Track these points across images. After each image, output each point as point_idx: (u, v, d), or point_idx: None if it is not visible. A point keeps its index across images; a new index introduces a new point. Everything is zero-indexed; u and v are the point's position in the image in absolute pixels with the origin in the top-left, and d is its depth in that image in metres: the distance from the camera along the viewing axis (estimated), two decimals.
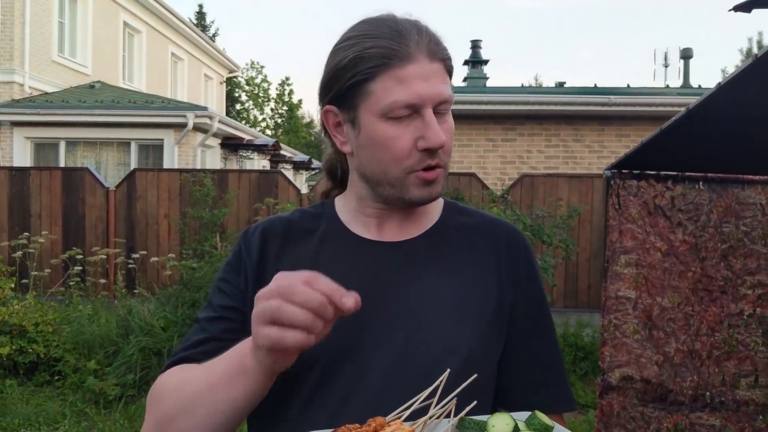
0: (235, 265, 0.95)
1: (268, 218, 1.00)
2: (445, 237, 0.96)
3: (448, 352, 0.85)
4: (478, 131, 8.48)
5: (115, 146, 10.96)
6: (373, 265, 0.92)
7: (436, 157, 0.87)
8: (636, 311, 3.03)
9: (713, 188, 3.00)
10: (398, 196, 0.90)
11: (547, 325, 0.97)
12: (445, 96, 0.86)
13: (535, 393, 0.92)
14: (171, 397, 0.83)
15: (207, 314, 0.93)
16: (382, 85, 0.84)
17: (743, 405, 2.96)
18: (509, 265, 0.95)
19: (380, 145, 0.86)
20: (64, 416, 4.39)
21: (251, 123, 31.08)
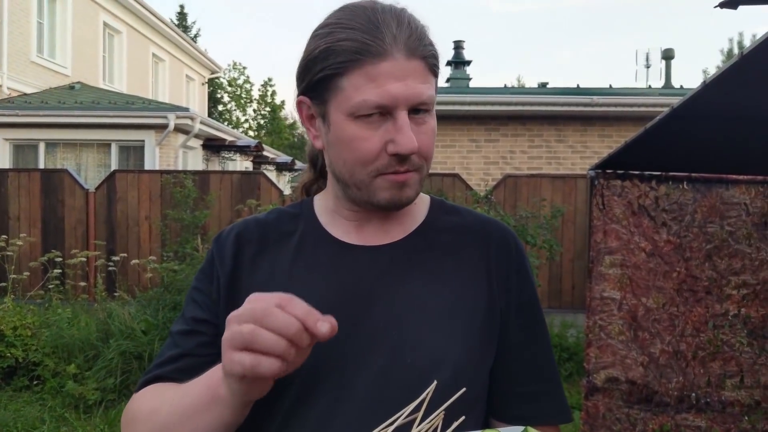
0: (207, 272, 0.90)
1: (244, 220, 0.95)
2: (432, 239, 0.90)
3: (436, 365, 0.80)
4: (461, 132, 8.48)
5: (95, 147, 10.80)
6: (354, 272, 0.86)
7: (407, 163, 0.81)
8: (621, 312, 3.03)
9: (697, 188, 3.01)
10: (366, 200, 0.84)
11: (540, 332, 0.91)
12: (424, 97, 0.79)
13: (528, 404, 0.87)
14: (144, 422, 0.79)
15: (180, 327, 0.88)
16: (353, 81, 0.77)
17: (729, 406, 2.97)
18: (500, 268, 0.89)
19: (347, 145, 0.80)
20: (43, 421, 4.30)
21: (234, 124, 30.88)
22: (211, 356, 0.85)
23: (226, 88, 31.81)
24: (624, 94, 8.34)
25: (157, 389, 0.82)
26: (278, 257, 0.89)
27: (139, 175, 7.51)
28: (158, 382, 0.85)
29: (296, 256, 0.88)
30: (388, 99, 0.77)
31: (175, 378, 0.83)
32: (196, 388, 0.75)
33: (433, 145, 0.85)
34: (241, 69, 32.64)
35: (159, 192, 7.29)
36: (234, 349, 0.63)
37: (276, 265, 0.88)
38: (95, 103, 10.62)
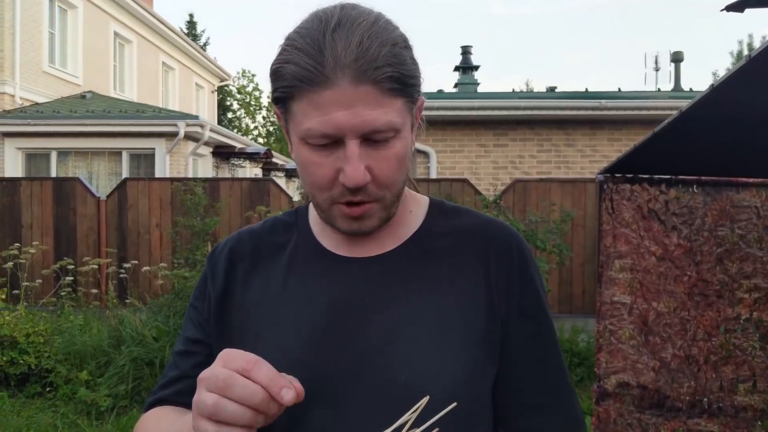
0: (201, 290, 0.90)
1: (238, 233, 0.93)
2: (427, 246, 0.85)
3: (432, 382, 0.76)
4: (469, 137, 8.48)
5: (106, 156, 10.90)
6: (346, 286, 0.83)
7: (361, 194, 0.75)
8: (631, 317, 3.01)
9: (707, 191, 2.99)
10: (329, 223, 0.81)
11: (547, 340, 0.86)
12: (377, 124, 0.72)
13: (536, 417, 0.82)
14: None
15: (179, 347, 0.90)
16: (300, 107, 0.73)
17: (741, 411, 2.95)
18: (500, 272, 0.83)
19: (304, 169, 0.77)
20: (55, 428, 4.32)
21: (243, 131, 31.06)
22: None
23: (235, 95, 32.02)
24: (633, 98, 8.31)
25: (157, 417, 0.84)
26: (271, 272, 0.87)
27: (149, 182, 7.57)
28: (162, 404, 0.86)
29: (289, 270, 0.86)
30: (333, 128, 0.72)
31: (176, 401, 0.85)
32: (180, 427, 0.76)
33: (398, 172, 0.78)
34: (250, 76, 32.86)
35: (169, 199, 7.34)
36: (201, 417, 0.63)
37: (269, 281, 0.86)
38: (106, 111, 10.73)
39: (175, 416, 0.81)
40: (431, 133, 8.41)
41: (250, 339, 0.83)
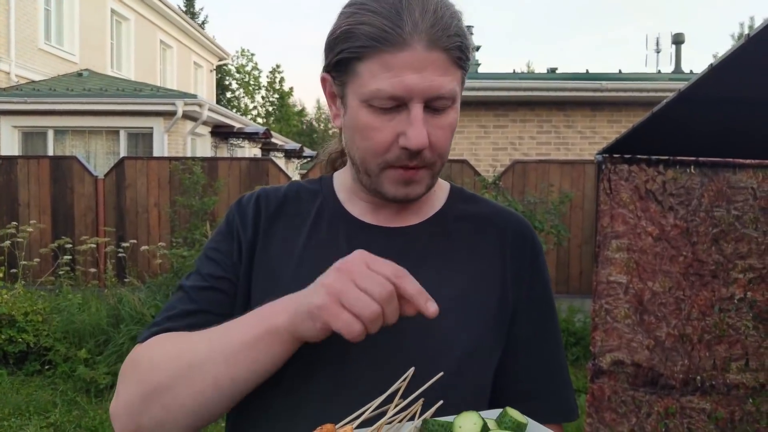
0: (227, 234, 0.88)
1: (264, 189, 0.93)
2: (448, 227, 0.89)
3: (443, 352, 0.78)
4: (470, 118, 8.45)
5: (103, 135, 10.86)
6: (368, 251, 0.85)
7: (417, 159, 0.78)
8: (627, 296, 3.03)
9: (705, 172, 3.00)
10: (374, 188, 0.83)
11: (551, 329, 0.89)
12: (442, 91, 0.75)
13: (532, 401, 0.84)
14: (167, 365, 0.75)
15: (195, 283, 0.86)
16: (369, 68, 0.75)
17: (734, 389, 2.98)
18: (515, 261, 0.87)
19: (360, 132, 0.79)
20: (55, 405, 4.36)
21: (242, 111, 30.91)
22: (226, 315, 0.82)
23: (234, 74, 31.80)
24: (633, 80, 8.27)
25: (178, 334, 0.79)
26: (293, 231, 0.88)
27: (147, 161, 7.55)
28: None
29: (312, 232, 0.87)
30: (403, 90, 0.74)
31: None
32: (241, 325, 0.73)
33: (450, 141, 0.82)
34: (249, 56, 32.62)
35: (168, 179, 7.33)
36: (348, 311, 0.64)
37: (290, 240, 0.87)
38: (103, 90, 10.66)
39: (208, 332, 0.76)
40: None
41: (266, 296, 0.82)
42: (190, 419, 0.75)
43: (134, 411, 0.76)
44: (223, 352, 0.72)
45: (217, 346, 0.73)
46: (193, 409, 0.74)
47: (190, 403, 0.73)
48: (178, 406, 0.74)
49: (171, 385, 0.74)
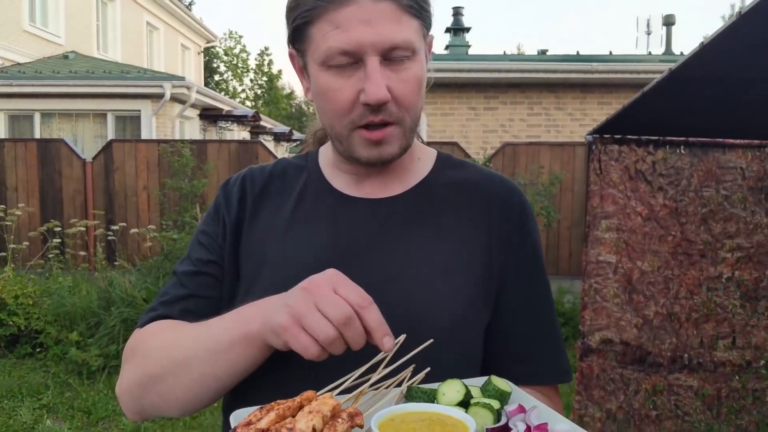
0: (214, 217, 0.91)
1: (250, 169, 0.95)
2: (433, 194, 0.88)
3: (430, 320, 0.78)
4: (460, 100, 8.43)
5: (91, 118, 10.74)
6: (353, 224, 0.85)
7: (382, 113, 0.77)
8: (616, 275, 3.06)
9: (694, 152, 3.02)
10: (348, 155, 0.82)
11: (542, 292, 0.89)
12: (396, 41, 0.74)
13: (524, 364, 0.84)
14: (158, 357, 0.79)
15: (185, 268, 0.89)
16: (320, 29, 0.75)
17: (720, 366, 3.03)
18: (502, 224, 0.86)
19: (323, 96, 0.79)
20: (47, 387, 4.37)
21: (230, 94, 30.63)
22: (216, 297, 0.86)
23: (222, 57, 31.46)
24: (624, 61, 8.27)
25: (169, 327, 0.82)
26: (279, 207, 0.89)
27: (136, 144, 7.49)
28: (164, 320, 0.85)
29: (297, 206, 0.88)
30: (354, 45, 0.73)
31: (181, 319, 0.83)
32: (222, 325, 0.75)
33: (417, 95, 0.79)
34: (237, 38, 32.25)
35: (156, 161, 7.27)
36: (306, 333, 0.63)
37: (276, 215, 0.88)
38: (90, 72, 10.52)
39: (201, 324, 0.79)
40: None
41: (254, 272, 0.85)
42: (184, 406, 0.79)
43: (134, 395, 0.81)
44: (206, 350, 0.75)
45: (201, 344, 0.76)
46: (184, 399, 0.78)
47: (180, 394, 0.77)
48: (170, 395, 0.78)
49: (163, 376, 0.77)
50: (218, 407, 2.52)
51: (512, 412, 0.67)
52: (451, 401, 0.67)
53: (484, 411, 0.66)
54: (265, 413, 0.61)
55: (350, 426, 0.60)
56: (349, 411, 0.61)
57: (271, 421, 0.60)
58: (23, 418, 3.90)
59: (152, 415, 0.83)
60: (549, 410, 0.68)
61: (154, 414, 0.82)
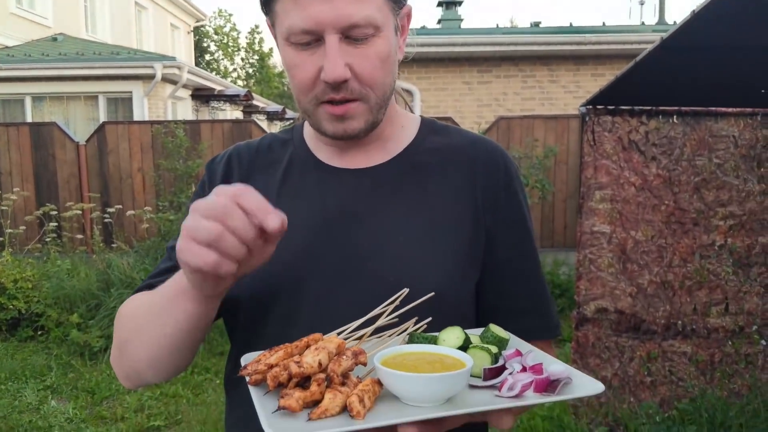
0: (200, 194, 0.91)
1: (236, 146, 0.96)
2: (417, 161, 0.89)
3: (418, 285, 0.79)
4: (453, 74, 8.39)
5: (82, 100, 10.65)
6: (339, 195, 0.86)
7: (342, 90, 0.77)
8: (610, 245, 3.10)
9: (687, 122, 3.03)
10: (316, 128, 0.84)
11: (529, 251, 0.90)
12: (355, 19, 0.74)
13: (515, 320, 0.85)
14: (125, 322, 0.83)
15: (174, 243, 0.89)
16: (282, 6, 0.76)
17: (713, 332, 3.09)
18: (487, 188, 0.87)
19: (288, 71, 0.80)
20: (50, 369, 4.41)
21: (222, 74, 30.34)
22: None
23: (212, 36, 31.10)
24: (617, 32, 8.22)
25: (142, 294, 0.85)
26: (267, 182, 0.90)
27: (129, 126, 7.44)
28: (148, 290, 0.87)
29: (284, 180, 0.89)
30: (313, 23, 0.74)
31: None
32: (167, 284, 0.77)
33: (381, 72, 0.79)
34: (227, 16, 31.88)
35: (150, 143, 7.24)
36: (197, 243, 0.62)
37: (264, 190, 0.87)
38: (79, 54, 10.40)
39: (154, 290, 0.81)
40: (414, 71, 8.29)
41: None
42: (152, 367, 0.81)
43: (116, 362, 0.86)
44: (154, 311, 0.78)
45: (152, 306, 0.79)
46: (148, 359, 0.80)
47: (143, 355, 0.80)
48: (136, 356, 0.81)
49: (129, 339, 0.82)
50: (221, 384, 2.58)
51: (509, 356, 0.71)
52: (451, 347, 0.71)
53: (482, 353, 0.70)
54: (274, 353, 0.65)
55: (354, 363, 0.64)
56: (354, 349, 0.65)
57: (279, 358, 0.63)
58: (28, 399, 3.95)
59: (136, 380, 0.85)
60: (544, 354, 0.72)
61: (136, 378, 0.84)
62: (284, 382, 0.61)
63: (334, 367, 0.62)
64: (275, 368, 0.61)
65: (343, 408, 0.59)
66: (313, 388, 0.60)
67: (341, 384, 0.61)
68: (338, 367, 0.62)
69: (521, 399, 0.62)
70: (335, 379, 0.61)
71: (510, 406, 0.61)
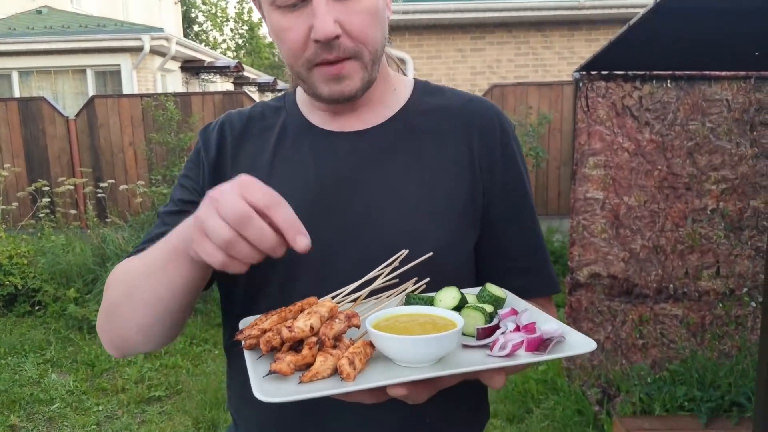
0: (195, 161, 0.92)
1: (228, 113, 0.95)
2: (412, 123, 0.88)
3: (415, 247, 0.79)
4: (446, 42, 8.29)
5: (70, 74, 10.49)
6: (334, 160, 0.85)
7: (335, 50, 0.76)
8: (604, 211, 3.12)
9: (680, 86, 3.02)
10: (311, 93, 0.83)
11: (526, 210, 0.90)
12: None
13: (515, 279, 0.86)
14: (115, 285, 0.81)
15: (168, 209, 0.91)
16: None
17: (705, 295, 3.13)
18: (483, 148, 0.87)
19: (277, 37, 0.79)
20: (49, 343, 4.44)
21: (211, 45, 29.89)
22: None
23: (200, 6, 30.54)
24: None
25: (134, 258, 0.83)
26: (261, 148, 0.89)
27: (118, 99, 7.36)
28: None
29: (278, 146, 0.89)
30: None
31: None
32: (160, 245, 0.75)
33: (373, 27, 0.78)
34: None
35: (141, 116, 7.17)
36: (208, 239, 0.61)
37: (258, 156, 0.89)
38: (65, 27, 10.22)
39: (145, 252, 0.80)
40: (407, 39, 8.19)
41: None
42: (141, 335, 0.79)
43: (104, 327, 0.83)
44: (146, 273, 0.76)
45: (144, 267, 0.77)
46: (137, 324, 0.78)
47: (133, 319, 0.78)
48: (126, 322, 0.79)
49: (118, 302, 0.79)
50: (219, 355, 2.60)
51: (505, 315, 0.72)
52: (447, 306, 0.72)
53: (475, 313, 0.70)
54: (269, 317, 0.66)
55: (347, 326, 0.64)
56: (347, 312, 0.66)
57: (273, 323, 0.64)
58: (28, 373, 3.99)
59: (124, 348, 0.83)
60: (539, 312, 0.73)
61: (124, 345, 0.82)
62: (277, 346, 0.62)
63: (326, 330, 0.63)
64: (268, 333, 0.62)
65: (334, 370, 0.60)
66: (305, 352, 0.61)
67: (333, 347, 0.62)
68: (330, 330, 0.63)
69: (512, 358, 0.63)
70: (327, 342, 0.62)
71: (499, 366, 0.62)
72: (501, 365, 0.62)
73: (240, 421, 0.93)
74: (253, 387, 0.57)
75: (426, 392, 0.63)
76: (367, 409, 0.65)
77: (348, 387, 0.58)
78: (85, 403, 3.62)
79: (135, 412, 3.54)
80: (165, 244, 0.74)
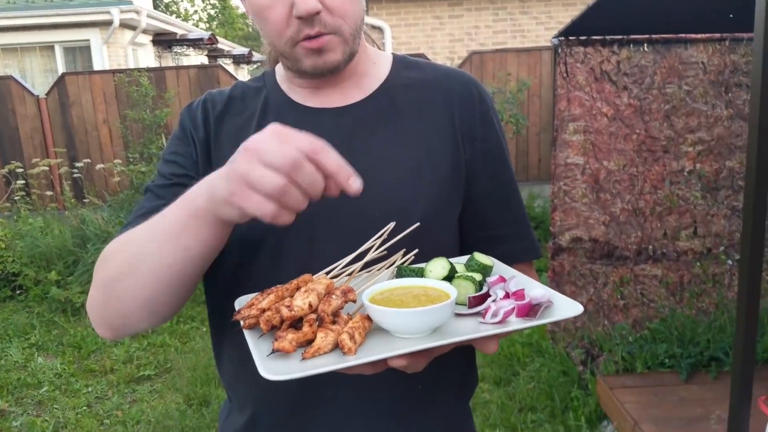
0: (183, 138, 0.90)
1: (209, 92, 0.95)
2: (394, 97, 0.89)
3: (402, 218, 0.81)
4: (424, 9, 8.20)
5: (37, 51, 10.20)
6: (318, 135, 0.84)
7: (316, 24, 0.77)
8: (584, 176, 3.15)
9: (657, 50, 3.04)
10: (295, 69, 0.84)
11: (507, 178, 0.92)
12: None
13: (498, 246, 0.89)
14: (115, 258, 0.77)
15: (160, 182, 0.88)
16: None
17: (683, 255, 3.20)
18: (464, 120, 0.89)
19: (258, 16, 0.80)
20: (33, 327, 4.42)
21: (183, 17, 29.17)
22: None
23: None
24: None
25: (134, 229, 0.79)
26: (243, 127, 0.89)
27: (90, 76, 7.18)
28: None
29: (260, 124, 0.88)
30: None
31: None
32: (171, 211, 0.72)
33: (353, 2, 0.80)
34: None
35: (114, 93, 7.02)
36: (256, 191, 0.59)
37: (240, 135, 0.87)
38: (30, 2, 9.89)
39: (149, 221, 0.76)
40: (384, 7, 8.08)
41: None
42: (146, 310, 0.76)
43: (98, 304, 0.79)
44: (156, 240, 0.72)
45: (152, 235, 0.73)
46: (143, 298, 0.75)
47: (138, 292, 0.74)
48: (129, 296, 0.75)
49: (119, 276, 0.75)
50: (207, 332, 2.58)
51: (493, 283, 0.74)
52: (437, 277, 0.74)
53: (466, 282, 0.72)
54: (266, 296, 0.66)
55: (344, 301, 0.66)
56: (343, 288, 0.67)
57: (271, 302, 0.65)
58: (14, 358, 3.97)
59: (119, 327, 0.79)
60: (527, 278, 0.75)
61: (120, 323, 0.79)
62: (277, 324, 0.63)
63: (324, 307, 0.64)
64: (267, 312, 0.63)
65: (335, 345, 0.61)
66: (305, 329, 0.62)
67: (332, 322, 0.63)
68: (328, 306, 0.64)
69: (504, 325, 0.65)
70: (326, 318, 0.63)
71: (494, 333, 0.64)
72: (495, 332, 0.64)
73: (234, 397, 0.94)
74: (258, 366, 0.58)
75: (424, 361, 0.65)
76: (360, 379, 0.66)
77: (350, 361, 0.59)
78: (74, 385, 3.62)
79: (125, 391, 3.55)
80: (180, 209, 0.71)
